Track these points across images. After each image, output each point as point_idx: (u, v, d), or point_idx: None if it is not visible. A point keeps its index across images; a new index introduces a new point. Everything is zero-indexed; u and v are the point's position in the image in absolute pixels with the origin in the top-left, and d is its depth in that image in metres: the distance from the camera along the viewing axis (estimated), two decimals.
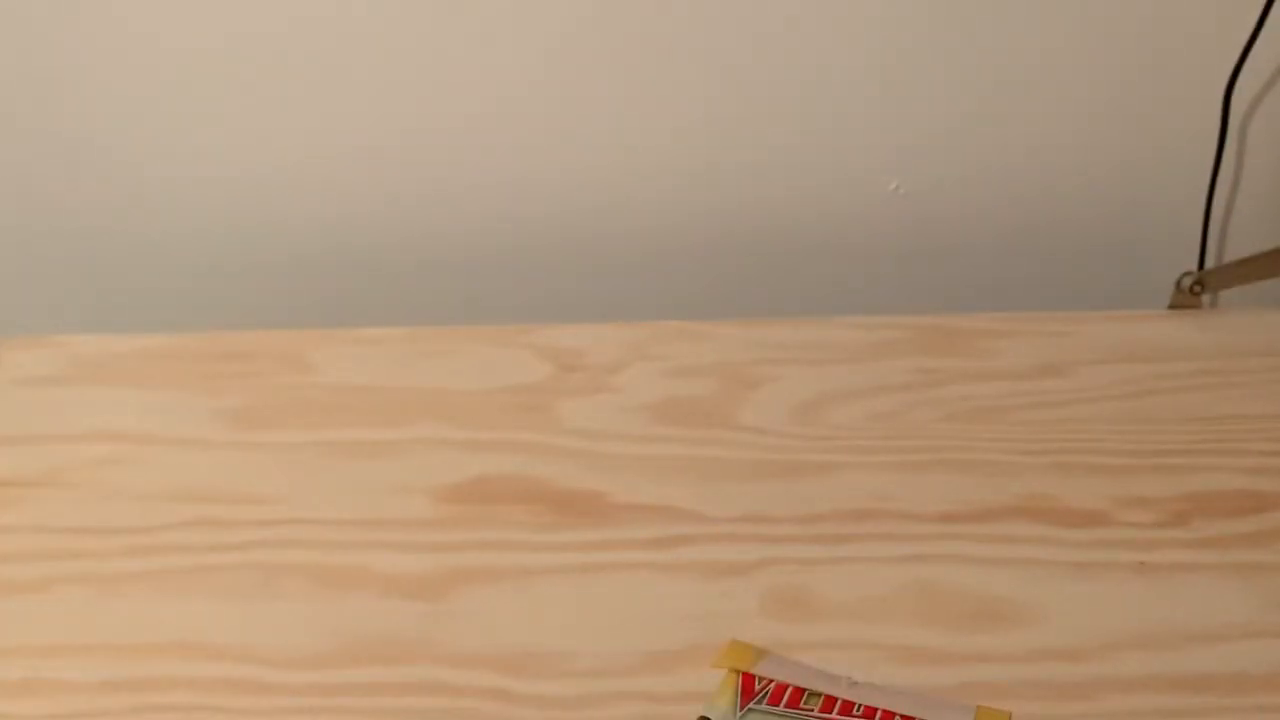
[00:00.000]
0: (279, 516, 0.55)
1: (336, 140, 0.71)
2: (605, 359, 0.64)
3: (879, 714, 0.39)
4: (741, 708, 0.40)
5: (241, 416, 0.61)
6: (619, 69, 0.68)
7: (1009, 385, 0.62)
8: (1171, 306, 0.68)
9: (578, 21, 0.66)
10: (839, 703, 0.39)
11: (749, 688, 0.41)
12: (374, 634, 0.49)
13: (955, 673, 0.46)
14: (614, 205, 0.73)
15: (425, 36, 0.67)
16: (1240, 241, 0.74)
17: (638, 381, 0.63)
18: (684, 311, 0.69)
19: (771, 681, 0.40)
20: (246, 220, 0.74)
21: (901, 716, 0.39)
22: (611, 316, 0.68)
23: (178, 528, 0.55)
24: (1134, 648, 0.47)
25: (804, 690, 0.40)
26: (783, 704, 0.39)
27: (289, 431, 0.60)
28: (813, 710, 0.39)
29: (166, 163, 0.72)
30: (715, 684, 0.42)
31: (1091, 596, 0.49)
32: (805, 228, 0.74)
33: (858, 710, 0.39)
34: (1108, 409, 0.60)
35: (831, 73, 0.68)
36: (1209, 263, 0.73)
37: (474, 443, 0.59)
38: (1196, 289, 0.67)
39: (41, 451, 0.59)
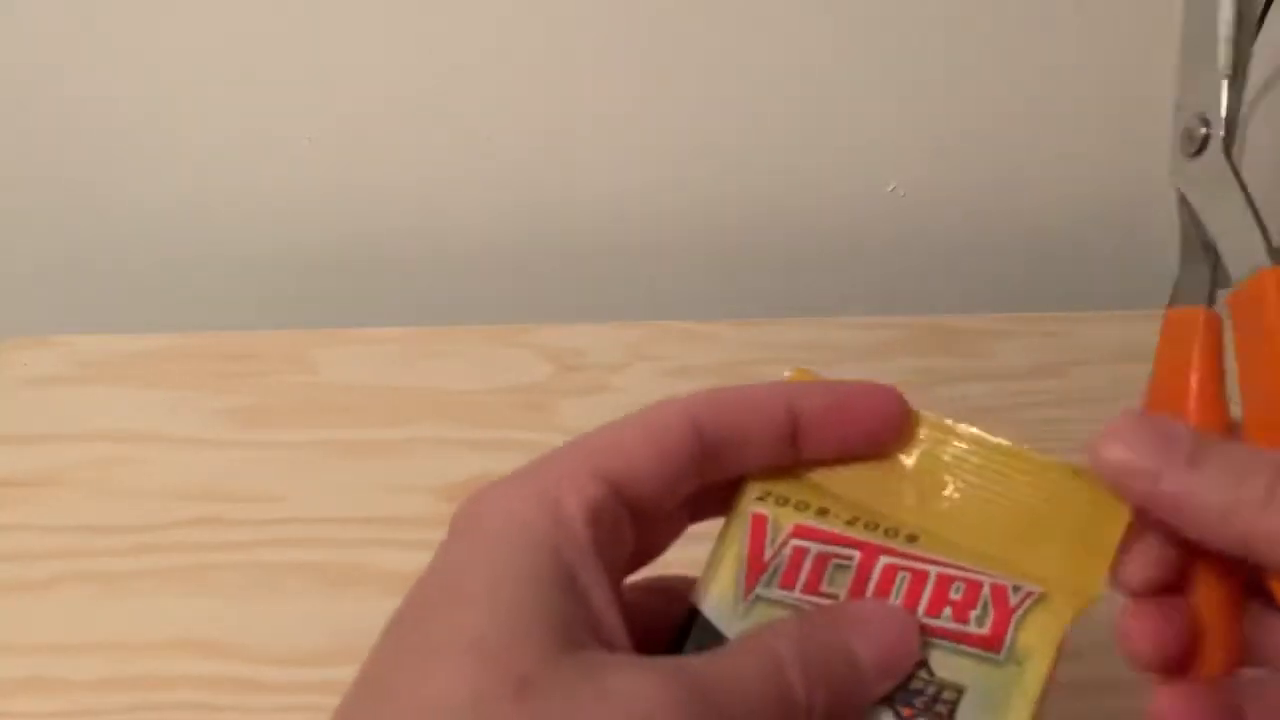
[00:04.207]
0: (281, 515, 0.55)
1: (337, 140, 0.71)
2: (605, 359, 0.64)
3: (931, 580, 0.28)
4: (747, 593, 0.30)
5: (243, 416, 0.61)
6: (620, 69, 0.68)
7: (1007, 385, 0.62)
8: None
9: (578, 21, 0.66)
10: (875, 576, 0.29)
11: (756, 564, 0.30)
12: (376, 632, 0.49)
13: None
14: (614, 205, 0.73)
15: (425, 35, 0.67)
16: None
17: (638, 381, 0.63)
18: (684, 311, 0.69)
19: (786, 546, 0.30)
20: (249, 221, 0.74)
21: (960, 578, 0.29)
22: (611, 316, 0.68)
23: (180, 526, 0.55)
24: None
25: (829, 560, 0.29)
26: (798, 588, 0.29)
27: (291, 431, 0.60)
28: (838, 594, 0.29)
29: (169, 162, 0.72)
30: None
31: None
32: (803, 228, 0.74)
33: (899, 583, 0.29)
34: (1105, 409, 0.60)
35: (830, 73, 0.69)
36: None
37: (475, 442, 0.59)
38: None
39: (44, 451, 0.59)
